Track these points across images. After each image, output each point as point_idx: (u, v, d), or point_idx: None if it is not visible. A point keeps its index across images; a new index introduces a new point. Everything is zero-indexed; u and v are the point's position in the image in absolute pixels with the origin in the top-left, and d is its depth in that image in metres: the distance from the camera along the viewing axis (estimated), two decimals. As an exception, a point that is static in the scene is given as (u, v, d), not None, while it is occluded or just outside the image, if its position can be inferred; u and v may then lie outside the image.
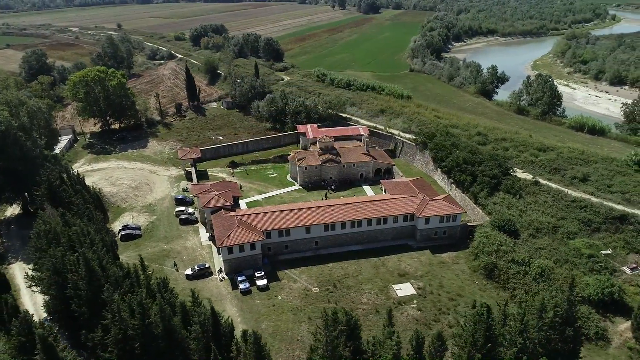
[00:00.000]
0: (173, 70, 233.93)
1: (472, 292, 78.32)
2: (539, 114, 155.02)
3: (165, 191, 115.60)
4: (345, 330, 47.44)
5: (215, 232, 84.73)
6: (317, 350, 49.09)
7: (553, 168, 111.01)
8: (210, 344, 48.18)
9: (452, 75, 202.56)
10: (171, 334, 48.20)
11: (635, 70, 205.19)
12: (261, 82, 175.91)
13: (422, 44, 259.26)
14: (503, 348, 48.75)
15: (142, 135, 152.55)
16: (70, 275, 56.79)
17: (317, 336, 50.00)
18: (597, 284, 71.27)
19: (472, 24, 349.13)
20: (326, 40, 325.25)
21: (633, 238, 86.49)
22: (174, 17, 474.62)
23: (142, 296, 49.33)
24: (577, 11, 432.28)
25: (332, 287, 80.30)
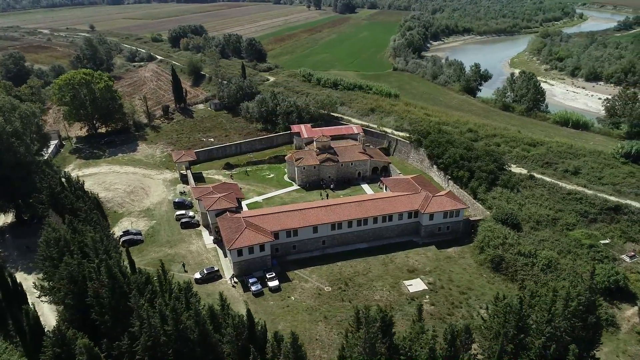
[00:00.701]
0: (154, 72, 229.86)
1: (481, 285, 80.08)
2: (524, 110, 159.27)
3: (161, 195, 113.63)
4: (381, 327, 47.84)
5: (223, 235, 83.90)
6: (353, 348, 49.31)
7: (545, 162, 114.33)
8: (244, 347, 47.80)
9: (436, 74, 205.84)
10: (206, 338, 47.60)
11: (609, 67, 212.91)
12: (249, 82, 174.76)
13: (403, 43, 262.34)
14: (530, 337, 50.10)
15: (131, 138, 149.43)
16: (90, 283, 55.27)
17: (352, 334, 50.23)
18: (602, 272, 73.93)
19: (449, 23, 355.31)
20: (306, 40, 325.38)
21: (628, 227, 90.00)
22: (147, 17, 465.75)
23: (174, 301, 48.51)
24: (547, 10, 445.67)
25: (344, 285, 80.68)
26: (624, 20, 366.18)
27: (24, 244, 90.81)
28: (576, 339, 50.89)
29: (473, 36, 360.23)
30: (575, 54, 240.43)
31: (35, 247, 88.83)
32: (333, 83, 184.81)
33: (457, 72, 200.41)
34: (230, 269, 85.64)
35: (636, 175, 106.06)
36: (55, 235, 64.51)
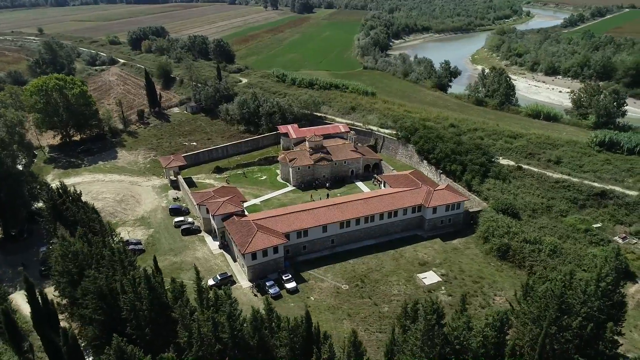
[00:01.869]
0: (119, 76, 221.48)
1: (491, 274, 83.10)
2: (497, 105, 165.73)
3: (154, 202, 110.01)
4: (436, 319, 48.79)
5: (235, 239, 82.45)
6: (405, 343, 50.02)
7: (528, 153, 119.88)
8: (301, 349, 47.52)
9: (407, 71, 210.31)
10: (265, 343, 46.86)
11: (565, 61, 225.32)
12: (225, 84, 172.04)
13: (369, 42, 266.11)
14: (569, 318, 52.71)
15: (108, 145, 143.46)
16: (127, 296, 52.87)
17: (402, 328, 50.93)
18: (603, 254, 78.47)
19: (408, 22, 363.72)
20: (270, 41, 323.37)
21: (615, 211, 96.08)
22: (98, 19, 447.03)
23: (229, 308, 47.41)
24: (497, 8, 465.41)
25: (360, 282, 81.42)
26: (569, 18, 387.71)
27: (17, 260, 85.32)
28: (607, 317, 53.99)
29: (432, 34, 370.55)
30: (532, 50, 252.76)
31: (31, 264, 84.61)
32: (309, 83, 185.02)
33: (427, 70, 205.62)
34: (241, 273, 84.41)
35: (612, 162, 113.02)
36: (73, 248, 61.17)
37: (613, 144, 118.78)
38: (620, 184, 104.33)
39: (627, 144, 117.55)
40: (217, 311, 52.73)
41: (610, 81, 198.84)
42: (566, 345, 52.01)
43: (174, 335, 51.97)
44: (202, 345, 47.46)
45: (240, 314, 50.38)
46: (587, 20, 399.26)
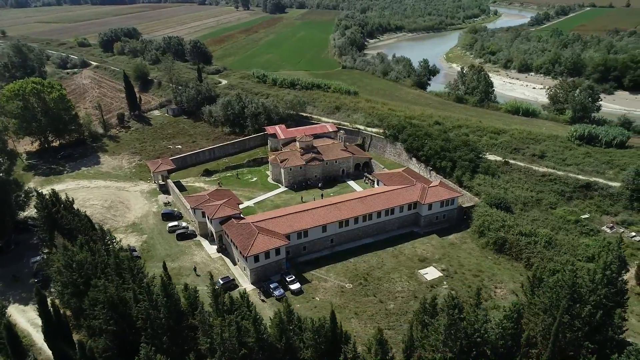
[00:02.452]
0: (93, 79, 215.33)
1: (490, 267, 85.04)
2: (477, 102, 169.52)
3: (144, 208, 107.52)
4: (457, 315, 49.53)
5: (236, 242, 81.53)
6: (425, 339, 50.65)
7: (513, 148, 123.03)
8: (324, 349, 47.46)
9: (386, 70, 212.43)
10: (291, 345, 46.53)
11: (537, 59, 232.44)
12: (207, 86, 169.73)
13: (346, 42, 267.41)
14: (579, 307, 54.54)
15: (89, 151, 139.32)
16: (143, 304, 51.46)
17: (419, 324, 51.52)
18: (595, 244, 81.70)
19: (382, 22, 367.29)
20: (245, 41, 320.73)
21: (601, 202, 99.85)
22: (64, 21, 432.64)
23: (255, 312, 46.88)
24: (466, 7, 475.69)
25: (364, 280, 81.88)
26: (535, 16, 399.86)
27: (7, 273, 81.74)
28: (614, 303, 56.17)
29: (405, 33, 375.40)
30: (504, 48, 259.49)
31: (22, 276, 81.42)
32: (290, 83, 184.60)
33: (406, 68, 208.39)
34: (243, 276, 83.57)
35: (592, 155, 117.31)
36: (78, 258, 59.13)
37: (592, 137, 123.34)
38: (602, 175, 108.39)
39: (604, 138, 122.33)
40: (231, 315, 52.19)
41: (581, 77, 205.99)
42: (577, 332, 53.78)
43: (192, 343, 51.01)
44: (226, 351, 46.76)
45: (281, 315, 49.80)
46: (552, 18, 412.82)
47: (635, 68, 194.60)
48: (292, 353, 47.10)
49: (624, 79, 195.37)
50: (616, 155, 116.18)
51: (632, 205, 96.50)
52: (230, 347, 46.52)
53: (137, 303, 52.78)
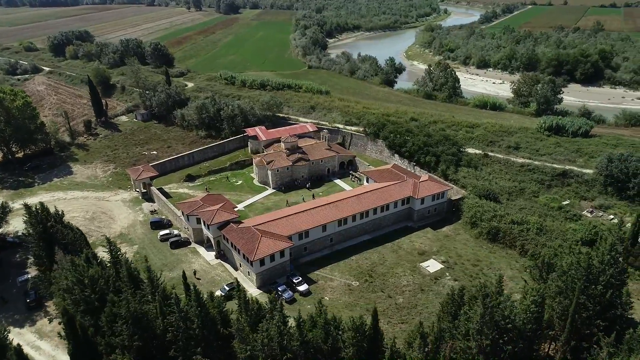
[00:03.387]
0: (49, 86, 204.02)
1: (486, 256, 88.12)
2: (446, 98, 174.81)
3: (129, 217, 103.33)
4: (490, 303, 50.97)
5: (240, 247, 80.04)
6: (457, 329, 51.96)
7: (489, 141, 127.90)
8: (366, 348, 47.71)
9: (353, 69, 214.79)
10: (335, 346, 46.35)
11: (495, 55, 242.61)
12: (176, 89, 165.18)
13: (309, 42, 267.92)
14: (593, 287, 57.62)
15: (58, 161, 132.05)
16: (170, 317, 49.53)
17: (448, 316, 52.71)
18: (582, 228, 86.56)
19: (339, 21, 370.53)
20: (204, 43, 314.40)
21: (578, 188, 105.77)
22: (3, 24, 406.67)
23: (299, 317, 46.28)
24: (418, 7, 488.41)
25: (369, 277, 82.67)
26: (484, 15, 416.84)
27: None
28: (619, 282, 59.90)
29: (362, 32, 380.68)
30: (462, 45, 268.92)
31: (11, 297, 76.42)
32: (260, 84, 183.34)
33: (373, 67, 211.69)
34: (247, 281, 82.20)
35: (562, 144, 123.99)
36: (91, 273, 56.06)
37: (559, 128, 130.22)
38: (574, 163, 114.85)
39: (570, 128, 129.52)
40: (261, 320, 51.48)
41: (536, 72, 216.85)
42: (590, 311, 56.94)
43: (226, 352, 49.81)
44: (267, 357, 46.00)
45: (326, 317, 49.23)
46: (499, 16, 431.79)
47: (585, 62, 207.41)
48: (336, 354, 46.97)
49: (575, 73, 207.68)
50: (583, 144, 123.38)
51: (606, 190, 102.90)
52: (272, 353, 45.81)
53: (163, 315, 50.79)
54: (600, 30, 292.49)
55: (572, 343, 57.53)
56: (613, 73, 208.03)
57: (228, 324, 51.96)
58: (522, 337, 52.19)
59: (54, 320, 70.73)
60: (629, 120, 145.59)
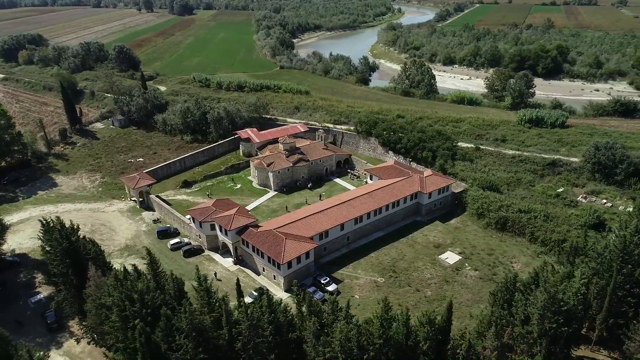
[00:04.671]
0: (7, 93, 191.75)
1: (498, 245, 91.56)
2: (424, 94, 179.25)
3: (131, 228, 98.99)
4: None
5: (265, 251, 78.89)
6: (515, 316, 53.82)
7: (477, 135, 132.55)
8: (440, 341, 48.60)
9: (327, 69, 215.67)
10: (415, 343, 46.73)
11: (459, 52, 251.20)
12: (154, 93, 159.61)
13: (276, 42, 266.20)
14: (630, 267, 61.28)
15: (38, 173, 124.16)
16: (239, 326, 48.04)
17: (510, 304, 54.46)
18: (584, 213, 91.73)
19: (301, 21, 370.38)
20: (166, 45, 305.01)
21: (568, 176, 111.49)
22: None
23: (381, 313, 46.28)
24: (373, 6, 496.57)
25: (392, 272, 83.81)
26: (439, 13, 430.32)
27: (7, 318, 70.56)
28: None
29: (324, 32, 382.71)
30: (426, 43, 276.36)
31: (26, 319, 71.59)
32: (238, 86, 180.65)
33: (347, 66, 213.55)
34: (272, 285, 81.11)
35: (543, 135, 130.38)
36: (140, 287, 53.35)
37: (539, 120, 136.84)
38: (558, 153, 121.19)
39: (549, 120, 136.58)
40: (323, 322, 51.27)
41: (499, 67, 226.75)
42: (626, 291, 60.77)
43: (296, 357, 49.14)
44: (347, 357, 45.82)
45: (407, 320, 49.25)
46: (452, 15, 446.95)
47: (545, 57, 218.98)
48: (414, 349, 47.43)
49: (537, 67, 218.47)
50: (562, 134, 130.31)
51: (595, 176, 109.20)
52: (352, 353, 45.65)
53: (229, 324, 49.26)
54: (551, 27, 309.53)
55: (611, 320, 61.12)
56: (571, 67, 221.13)
57: (293, 327, 51.23)
58: (573, 319, 54.83)
59: (81, 340, 66.82)
60: (596, 111, 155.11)
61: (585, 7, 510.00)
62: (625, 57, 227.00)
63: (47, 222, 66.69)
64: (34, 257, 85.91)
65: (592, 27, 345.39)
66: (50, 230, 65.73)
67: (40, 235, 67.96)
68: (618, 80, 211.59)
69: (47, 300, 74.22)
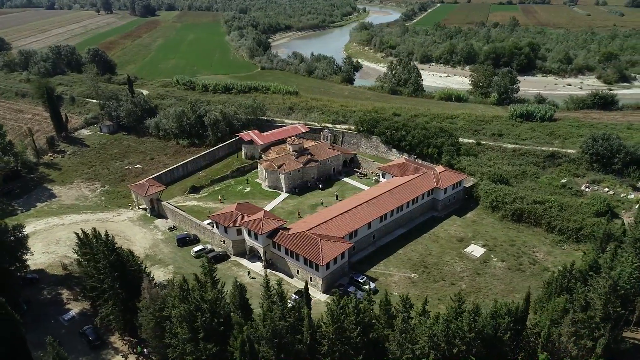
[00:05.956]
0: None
1: (517, 236, 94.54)
2: (412, 92, 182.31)
3: (147, 237, 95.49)
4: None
5: (301, 253, 78.21)
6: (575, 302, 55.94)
7: (474, 130, 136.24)
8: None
9: (311, 69, 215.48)
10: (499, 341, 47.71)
11: (435, 50, 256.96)
12: (143, 98, 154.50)
13: (254, 43, 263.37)
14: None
15: (30, 184, 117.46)
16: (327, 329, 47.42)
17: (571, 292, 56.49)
18: (594, 202, 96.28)
19: (271, 22, 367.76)
20: (135, 47, 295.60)
21: (568, 167, 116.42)
22: None
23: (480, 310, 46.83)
24: (339, 6, 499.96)
25: (424, 268, 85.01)
26: (405, 12, 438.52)
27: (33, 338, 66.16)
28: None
29: (295, 32, 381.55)
30: (401, 42, 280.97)
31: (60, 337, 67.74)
32: (225, 88, 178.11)
33: (330, 66, 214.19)
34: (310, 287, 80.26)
35: (536, 129, 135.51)
36: (210, 296, 51.57)
37: (529, 115, 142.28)
38: (552, 145, 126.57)
39: (538, 113, 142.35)
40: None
41: (475, 64, 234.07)
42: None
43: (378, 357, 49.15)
44: (437, 352, 46.28)
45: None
46: (417, 14, 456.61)
47: (519, 54, 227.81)
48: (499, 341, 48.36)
49: (512, 64, 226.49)
50: (553, 127, 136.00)
51: (593, 166, 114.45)
52: (439, 348, 46.15)
53: (312, 328, 48.59)
54: (517, 25, 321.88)
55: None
56: (543, 63, 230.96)
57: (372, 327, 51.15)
58: (628, 301, 57.63)
59: (129, 356, 63.89)
60: (577, 104, 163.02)
61: (540, 5, 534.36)
62: (591, 53, 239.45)
63: (88, 234, 63.24)
64: (53, 273, 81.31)
65: (552, 25, 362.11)
66: (88, 244, 62.36)
67: (76, 249, 64.33)
68: (587, 75, 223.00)
69: (80, 317, 70.44)
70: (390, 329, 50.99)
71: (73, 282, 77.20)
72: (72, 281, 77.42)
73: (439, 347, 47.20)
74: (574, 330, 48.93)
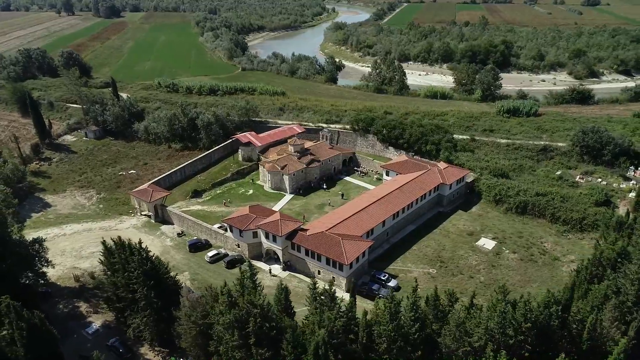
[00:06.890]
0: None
1: (523, 228, 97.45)
2: (397, 91, 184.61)
3: (155, 244, 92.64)
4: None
5: (324, 253, 78.08)
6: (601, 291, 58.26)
7: (466, 127, 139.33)
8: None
9: (293, 69, 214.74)
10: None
11: (413, 49, 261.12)
12: (130, 101, 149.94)
13: (231, 44, 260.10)
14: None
15: (20, 193, 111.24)
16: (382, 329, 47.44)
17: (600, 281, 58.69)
18: (593, 192, 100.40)
19: (244, 22, 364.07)
20: (106, 50, 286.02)
21: (560, 159, 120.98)
22: None
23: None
24: (309, 6, 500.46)
25: (441, 263, 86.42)
26: (376, 12, 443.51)
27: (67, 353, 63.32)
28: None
29: (268, 32, 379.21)
30: (377, 41, 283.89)
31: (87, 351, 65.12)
32: (210, 89, 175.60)
33: (313, 66, 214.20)
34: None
35: (523, 124, 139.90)
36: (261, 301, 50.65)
37: (515, 110, 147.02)
38: (541, 139, 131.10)
39: (524, 109, 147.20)
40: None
41: (452, 62, 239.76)
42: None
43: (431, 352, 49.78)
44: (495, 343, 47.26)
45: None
46: (387, 13, 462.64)
47: (495, 52, 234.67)
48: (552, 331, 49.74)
49: (488, 62, 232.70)
50: (539, 122, 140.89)
51: (583, 158, 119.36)
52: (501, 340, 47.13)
53: (369, 327, 48.57)
54: (487, 24, 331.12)
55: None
56: (517, 60, 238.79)
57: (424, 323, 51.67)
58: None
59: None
60: (556, 99, 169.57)
61: (502, 4, 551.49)
62: (560, 50, 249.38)
63: (116, 243, 60.91)
64: (64, 285, 77.86)
65: (517, 23, 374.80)
66: (117, 253, 60.08)
67: (102, 259, 61.87)
68: (559, 71, 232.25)
69: (104, 330, 67.76)
70: (439, 324, 51.65)
71: (89, 293, 74.25)
72: (88, 293, 74.43)
73: (493, 339, 48.18)
74: (617, 315, 50.92)
